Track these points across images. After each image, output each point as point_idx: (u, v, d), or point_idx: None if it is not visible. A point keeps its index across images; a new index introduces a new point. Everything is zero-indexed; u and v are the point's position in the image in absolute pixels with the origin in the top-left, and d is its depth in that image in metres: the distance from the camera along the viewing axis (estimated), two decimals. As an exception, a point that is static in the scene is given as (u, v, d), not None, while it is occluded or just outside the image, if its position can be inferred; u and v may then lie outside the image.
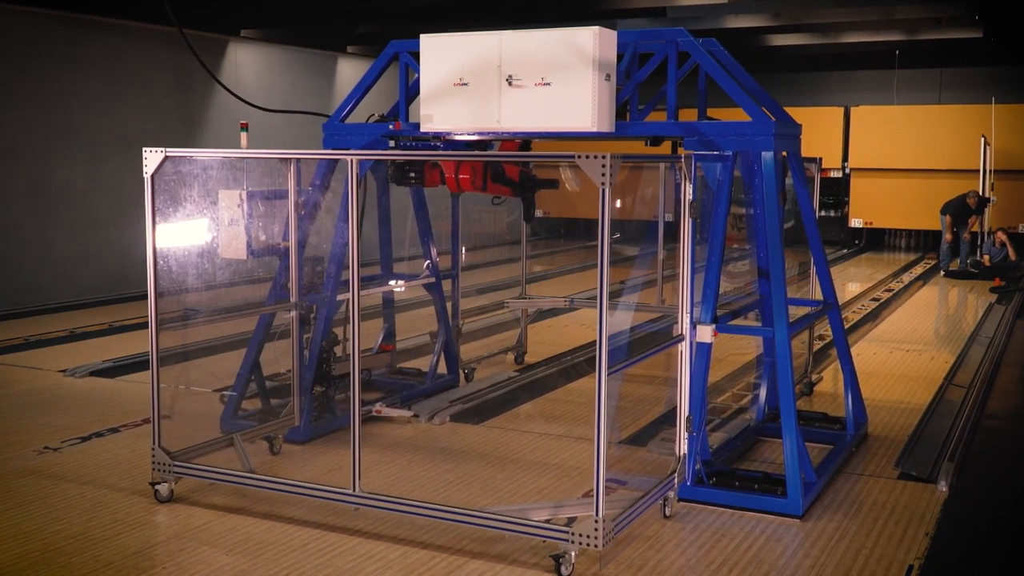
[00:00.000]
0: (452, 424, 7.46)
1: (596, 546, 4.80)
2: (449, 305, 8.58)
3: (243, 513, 5.67)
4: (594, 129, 5.94)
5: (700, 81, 6.62)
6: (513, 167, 7.35)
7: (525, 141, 7.29)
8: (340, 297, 7.20)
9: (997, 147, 18.85)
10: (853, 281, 16.27)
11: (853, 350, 8.48)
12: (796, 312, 7.10)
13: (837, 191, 20.96)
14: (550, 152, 5.51)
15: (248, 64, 16.12)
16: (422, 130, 6.44)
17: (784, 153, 6.50)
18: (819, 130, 19.84)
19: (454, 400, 7.90)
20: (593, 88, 5.88)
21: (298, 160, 6.72)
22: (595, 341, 4.74)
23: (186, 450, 6.02)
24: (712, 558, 5.15)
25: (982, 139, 17.97)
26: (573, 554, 4.86)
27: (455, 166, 7.09)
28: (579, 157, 4.65)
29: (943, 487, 6.17)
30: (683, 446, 5.84)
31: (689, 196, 5.64)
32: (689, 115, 6.64)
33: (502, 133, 6.28)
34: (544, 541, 5.05)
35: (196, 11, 13.26)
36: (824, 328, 10.54)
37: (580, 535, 4.82)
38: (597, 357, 4.71)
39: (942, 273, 17.07)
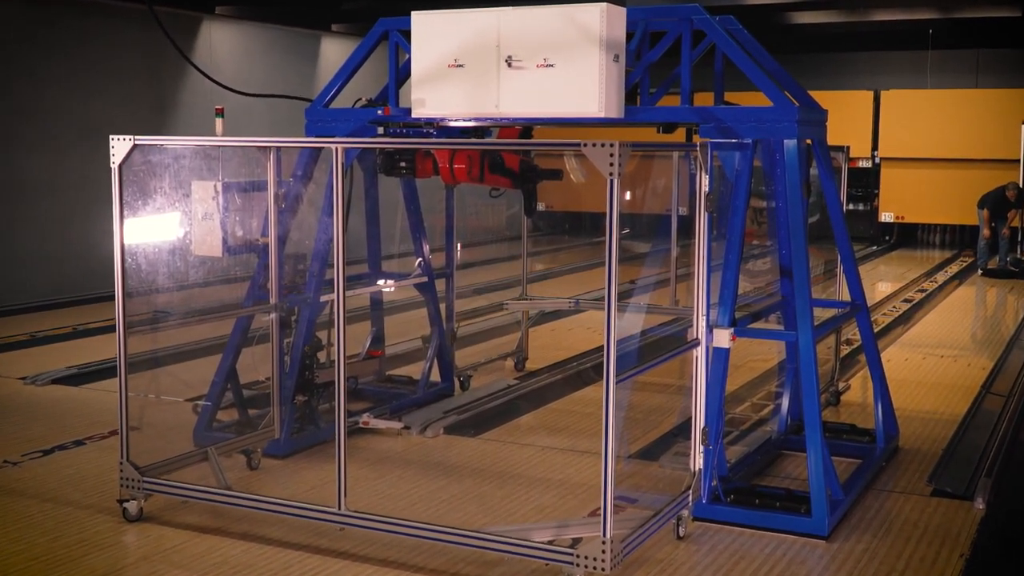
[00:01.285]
0: (446, 437, 7.46)
1: (603, 569, 4.80)
2: (443, 307, 8.58)
3: (219, 533, 5.67)
4: (601, 115, 5.93)
5: (717, 62, 6.62)
6: (513, 156, 7.35)
7: (526, 128, 7.29)
8: (324, 298, 7.20)
9: (1039, 135, 18.86)
10: (883, 281, 16.27)
11: (883, 356, 8.47)
12: (821, 315, 7.10)
13: (866, 182, 20.97)
14: (553, 140, 5.50)
15: (224, 44, 16.12)
16: (413, 116, 6.44)
17: (808, 141, 6.50)
18: (846, 116, 19.85)
19: (448, 411, 7.90)
20: (600, 70, 5.88)
21: (278, 148, 6.71)
22: (602, 346, 4.74)
23: (157, 465, 6.02)
24: (730, 582, 5.15)
25: (1023, 126, 17.97)
26: (578, 578, 4.86)
27: (449, 155, 7.09)
28: (585, 145, 4.65)
29: (980, 504, 6.17)
30: (698, 461, 5.84)
31: (705, 188, 5.63)
32: (705, 99, 6.64)
33: (501, 119, 6.28)
34: (547, 564, 5.05)
35: (167, -14, 13.27)
36: (852, 332, 10.53)
37: (586, 558, 4.82)
38: (605, 363, 4.70)
39: (979, 272, 17.08)
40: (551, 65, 5.97)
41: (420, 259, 8.30)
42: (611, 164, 4.60)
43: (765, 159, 6.34)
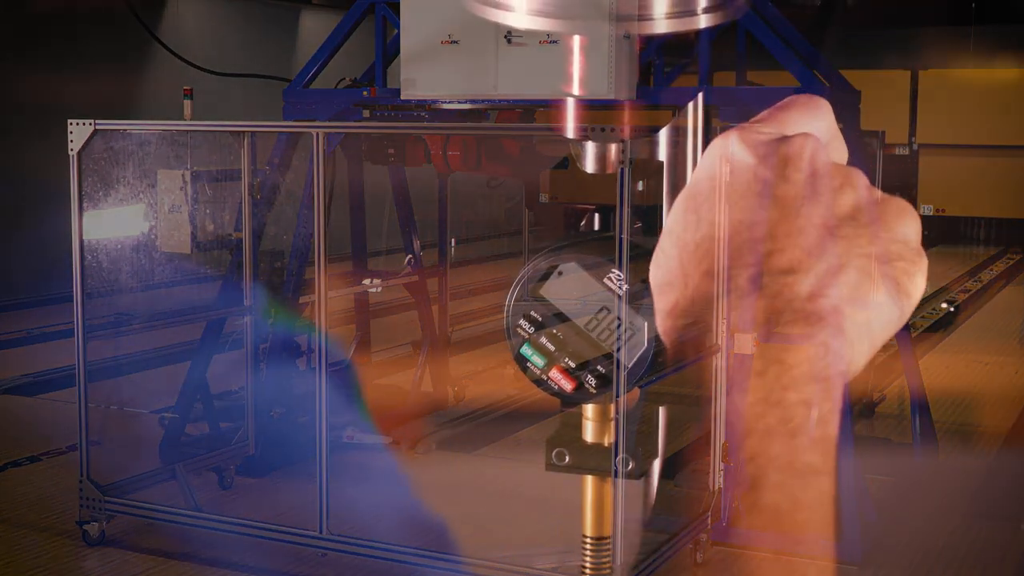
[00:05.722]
0: (439, 453, 7.46)
1: (613, 599, 4.81)
2: (435, 309, 8.58)
3: (188, 559, 5.67)
4: (611, 96, 5.94)
5: (739, 39, 6.62)
6: (513, 142, 7.35)
7: (527, 111, 7.30)
8: (303, 299, 7.20)
9: (1095, 119, 18.89)
10: (922, 280, 16.25)
11: (922, 363, 8.49)
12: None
13: (903, 172, 20.97)
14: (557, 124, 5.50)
15: (192, 18, 16.12)
16: (403, 97, 6.44)
17: (839, 126, 6.51)
18: (881, 98, 19.82)
19: (442, 424, 7.90)
20: (610, 47, 5.88)
21: (253, 133, 6.72)
22: (612, 352, 4.74)
23: (120, 483, 6.02)
24: (753, 613, 5.14)
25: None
26: (585, 608, 4.86)
27: (443, 141, 7.09)
28: (593, 130, 4.66)
29: (1029, 528, 6.19)
30: (718, 479, 5.84)
31: (726, 177, 5.63)
32: (726, 80, 6.65)
33: (499, 101, 6.28)
34: (550, 593, 5.05)
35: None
36: (887, 336, 10.54)
37: (594, 586, 4.82)
38: (614, 372, 4.70)
39: (1029, 270, 17.10)
40: (555, 41, 5.98)
41: (410, 256, 8.30)
42: (622, 151, 4.61)
43: (791, 146, 6.34)
